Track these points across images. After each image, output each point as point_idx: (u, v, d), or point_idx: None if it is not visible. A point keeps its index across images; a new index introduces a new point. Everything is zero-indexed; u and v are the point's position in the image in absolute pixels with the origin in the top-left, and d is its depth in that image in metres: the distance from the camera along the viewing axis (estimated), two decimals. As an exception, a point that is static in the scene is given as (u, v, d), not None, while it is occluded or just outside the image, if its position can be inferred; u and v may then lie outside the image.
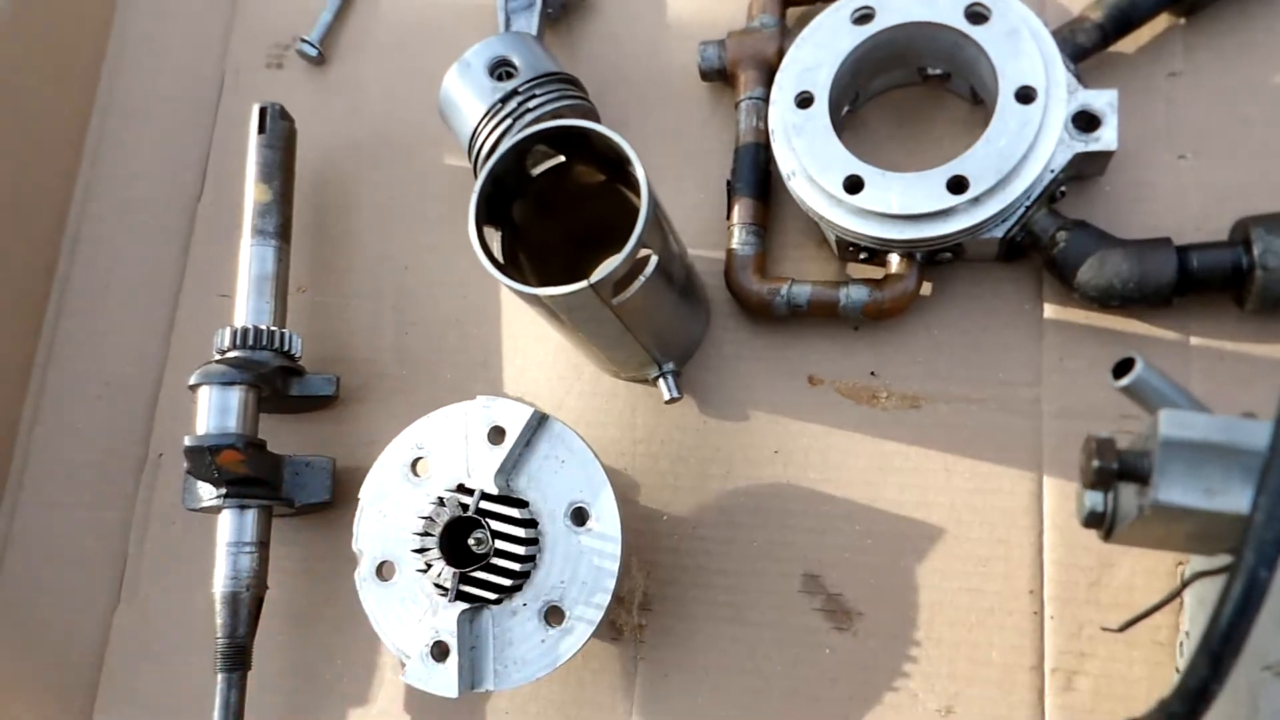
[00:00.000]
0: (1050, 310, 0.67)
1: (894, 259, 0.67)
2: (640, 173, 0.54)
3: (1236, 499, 0.32)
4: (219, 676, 0.66)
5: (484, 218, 0.58)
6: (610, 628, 0.67)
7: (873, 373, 0.69)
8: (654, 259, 0.57)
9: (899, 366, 0.68)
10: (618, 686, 0.67)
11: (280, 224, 0.76)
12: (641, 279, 0.57)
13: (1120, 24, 0.66)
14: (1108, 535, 0.39)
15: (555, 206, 0.64)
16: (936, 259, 0.67)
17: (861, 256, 0.69)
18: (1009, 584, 0.62)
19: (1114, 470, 0.35)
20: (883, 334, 0.69)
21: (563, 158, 0.61)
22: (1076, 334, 0.66)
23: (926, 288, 0.69)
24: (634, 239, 0.53)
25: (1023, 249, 0.66)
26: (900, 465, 0.66)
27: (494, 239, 0.61)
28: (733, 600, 0.66)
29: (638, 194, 0.54)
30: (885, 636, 0.63)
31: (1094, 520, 0.39)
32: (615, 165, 0.58)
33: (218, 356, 0.70)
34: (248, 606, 0.67)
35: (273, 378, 0.70)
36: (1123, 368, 0.38)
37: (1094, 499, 0.39)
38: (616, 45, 0.80)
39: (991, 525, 0.64)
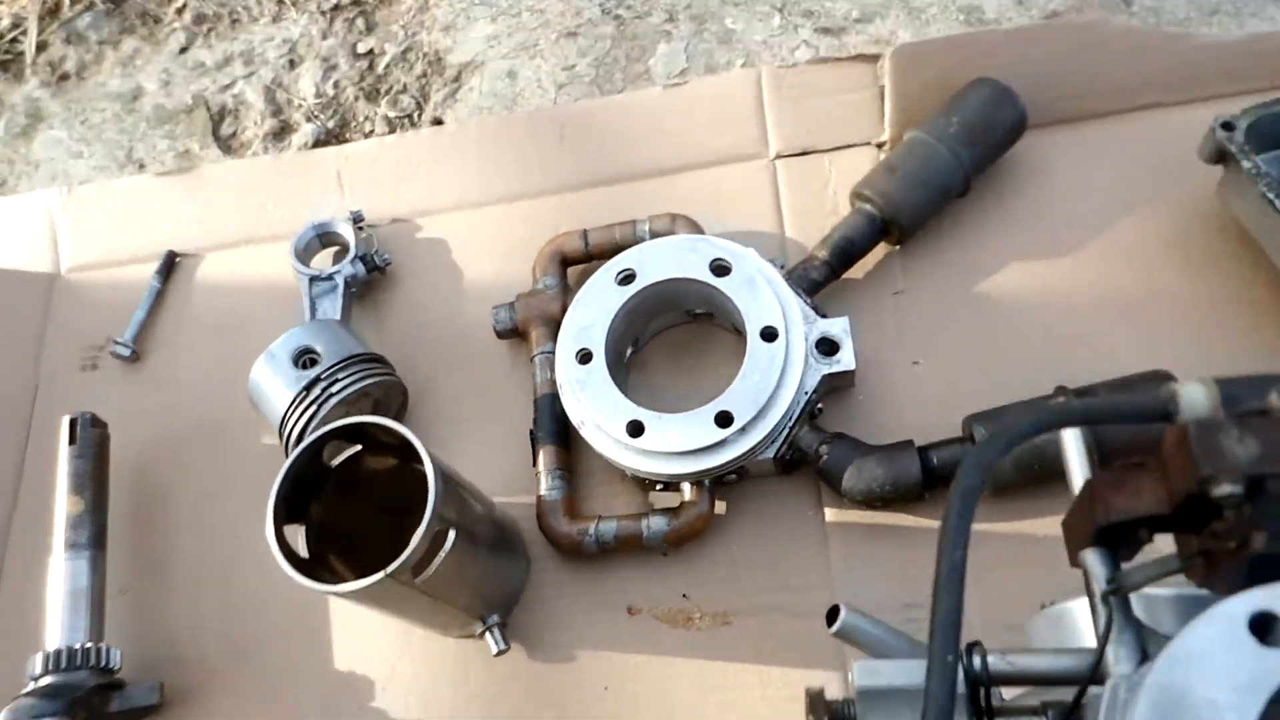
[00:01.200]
0: (830, 514, 0.73)
1: (686, 487, 0.73)
2: (426, 460, 0.59)
3: (924, 732, 0.37)
4: None
5: (283, 518, 0.61)
6: None
7: (685, 595, 0.73)
8: (452, 534, 0.61)
9: (707, 586, 0.73)
10: None
11: (94, 533, 0.76)
12: (441, 555, 0.61)
13: (843, 258, 0.76)
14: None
15: (357, 492, 0.67)
16: (724, 481, 0.73)
17: (658, 487, 0.75)
18: (835, 787, 0.65)
19: (825, 721, 0.40)
20: (689, 556, 0.74)
21: (359, 447, 0.66)
22: (855, 533, 0.72)
23: (721, 507, 0.75)
24: (423, 526, 0.57)
25: (796, 463, 0.73)
26: (719, 683, 0.70)
27: (299, 534, 0.64)
28: None
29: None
30: None
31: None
32: (406, 448, 0.63)
33: (30, 685, 0.69)
34: None
35: (89, 698, 0.69)
36: (832, 615, 0.44)
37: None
38: (418, 312, 0.87)
39: (810, 730, 0.67)
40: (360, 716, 0.73)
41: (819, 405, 0.73)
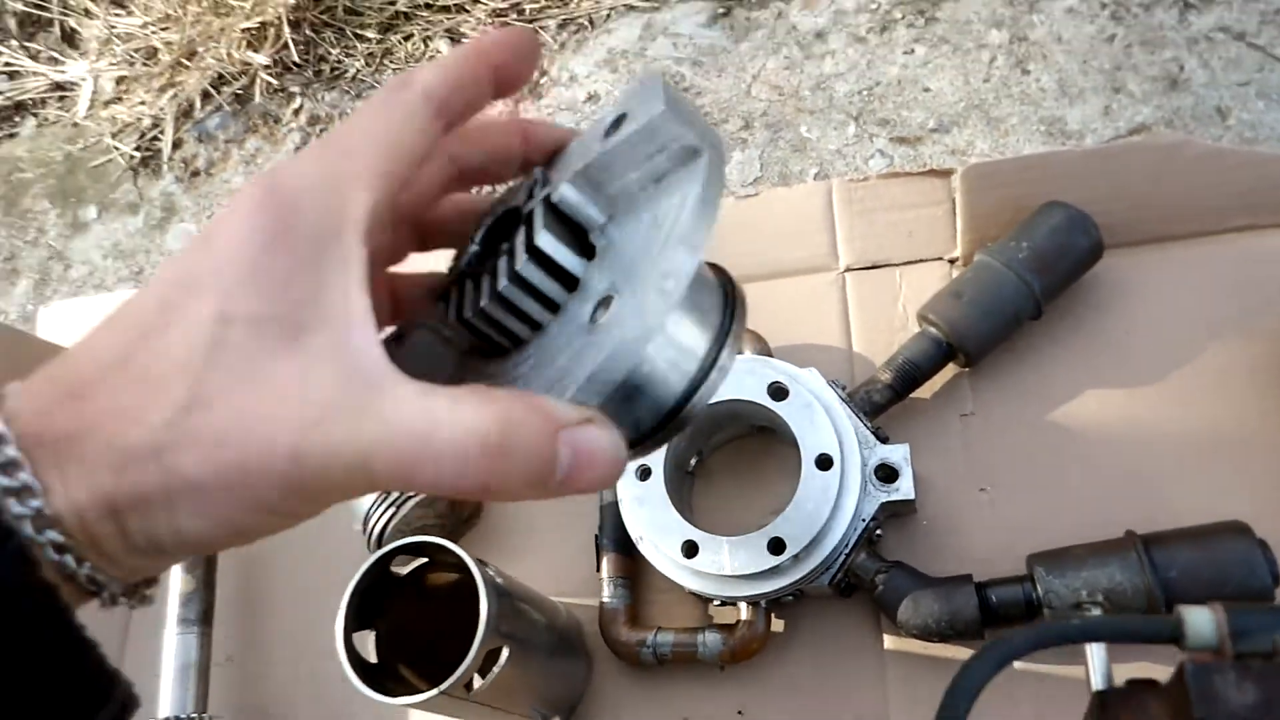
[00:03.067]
0: (889, 641, 0.73)
1: (742, 606, 0.74)
2: (479, 581, 0.63)
3: None
4: None
5: (353, 627, 0.65)
6: None
7: (740, 711, 0.74)
8: (506, 650, 0.64)
9: (762, 703, 0.74)
10: None
11: (202, 610, 0.83)
12: (496, 669, 0.64)
13: (907, 382, 0.76)
14: None
15: (425, 600, 0.72)
16: (781, 601, 0.74)
17: (716, 602, 0.76)
18: None
19: None
20: (745, 672, 0.75)
21: (425, 559, 0.70)
22: (915, 664, 0.72)
23: (779, 625, 0.76)
24: (474, 646, 0.61)
25: (854, 588, 0.73)
26: (771, 804, 0.70)
27: (368, 639, 0.68)
28: None
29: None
30: None
31: None
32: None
33: (137, 755, 0.75)
34: None
35: (190, 769, 0.75)
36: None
37: None
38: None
39: None
40: (425, 806, 0.77)
41: (878, 531, 0.73)
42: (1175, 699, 0.37)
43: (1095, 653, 0.42)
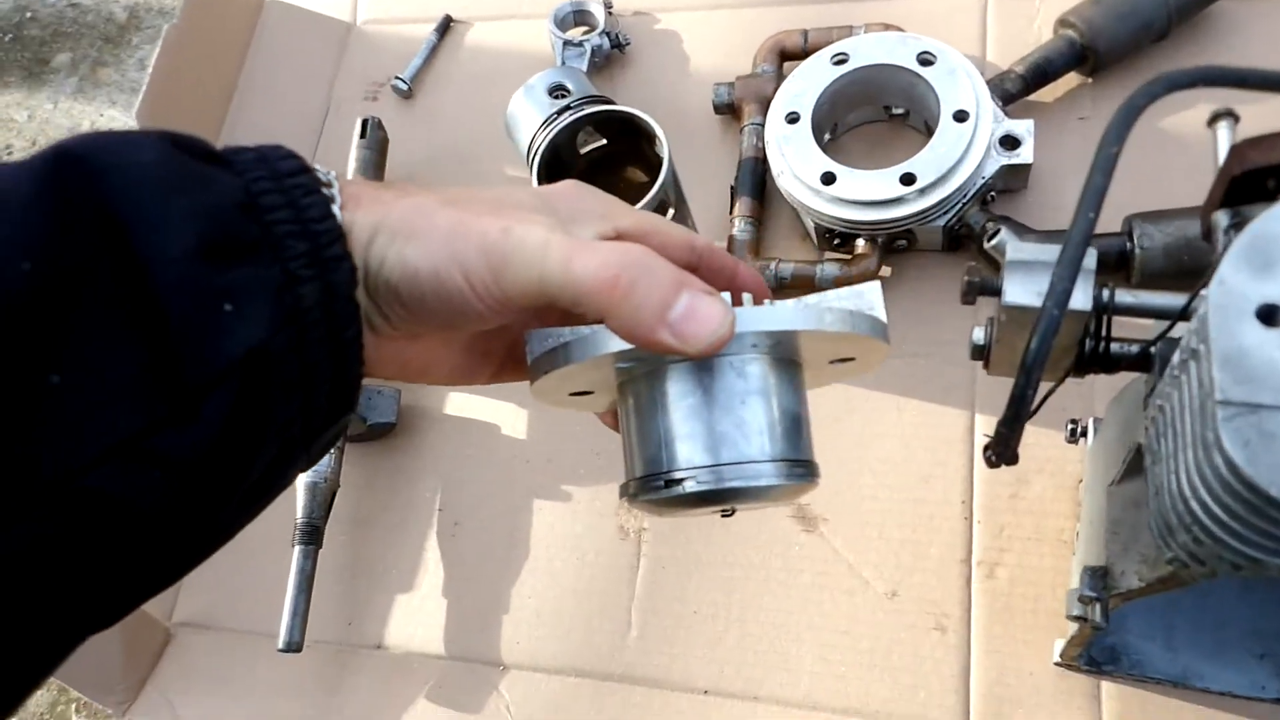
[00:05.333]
0: (984, 290, 0.83)
1: (860, 242, 0.84)
2: (664, 144, 0.73)
3: (1056, 299, 0.48)
4: (295, 550, 0.80)
5: (544, 180, 0.76)
6: (619, 530, 0.81)
7: (842, 336, 0.85)
8: (671, 212, 0.75)
9: (863, 332, 0.84)
10: (623, 579, 0.80)
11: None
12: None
13: (1038, 76, 0.85)
14: (987, 364, 0.55)
15: (597, 179, 0.82)
16: (894, 246, 0.84)
17: (835, 243, 0.86)
18: (945, 496, 0.77)
19: (978, 284, 0.51)
20: (851, 307, 0.85)
21: (604, 140, 0.80)
22: (1004, 307, 0.82)
23: (886, 270, 0.86)
24: (659, 183, 0.71)
25: (960, 240, 0.83)
26: (861, 406, 0.81)
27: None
28: (721, 508, 0.80)
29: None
30: (845, 537, 0.77)
31: (977, 352, 0.55)
32: (649, 164, 0.77)
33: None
34: (324, 494, 0.81)
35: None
36: (993, 235, 0.55)
37: (977, 335, 0.55)
38: (648, 88, 1.01)
39: (932, 450, 0.78)
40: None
41: (992, 194, 0.82)
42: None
43: (1224, 132, 0.52)
